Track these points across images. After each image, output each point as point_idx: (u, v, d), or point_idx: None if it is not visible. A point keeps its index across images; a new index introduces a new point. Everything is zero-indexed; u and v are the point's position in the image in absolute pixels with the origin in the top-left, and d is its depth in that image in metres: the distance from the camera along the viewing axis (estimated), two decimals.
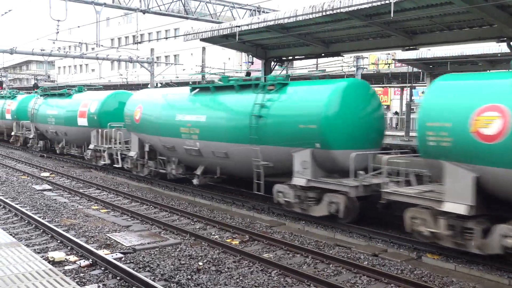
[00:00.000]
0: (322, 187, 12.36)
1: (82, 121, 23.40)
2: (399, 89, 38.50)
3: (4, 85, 52.73)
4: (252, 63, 25.34)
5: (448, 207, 9.57)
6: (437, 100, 10.03)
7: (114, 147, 20.77)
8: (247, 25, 16.39)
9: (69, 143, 26.17)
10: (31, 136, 30.04)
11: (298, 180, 12.67)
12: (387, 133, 15.86)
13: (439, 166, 9.82)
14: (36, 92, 34.68)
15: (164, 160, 18.27)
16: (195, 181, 16.66)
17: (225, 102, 15.50)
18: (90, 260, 9.62)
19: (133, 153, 19.36)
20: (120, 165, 20.39)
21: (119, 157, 20.38)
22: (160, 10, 23.70)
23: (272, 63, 20.71)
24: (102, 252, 9.98)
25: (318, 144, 12.28)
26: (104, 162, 21.95)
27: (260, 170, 13.78)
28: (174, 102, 17.54)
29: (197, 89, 16.81)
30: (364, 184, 11.66)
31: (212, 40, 19.30)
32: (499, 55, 19.73)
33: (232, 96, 15.25)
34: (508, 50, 14.70)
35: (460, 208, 9.39)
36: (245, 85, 15.04)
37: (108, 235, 11.65)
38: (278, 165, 13.49)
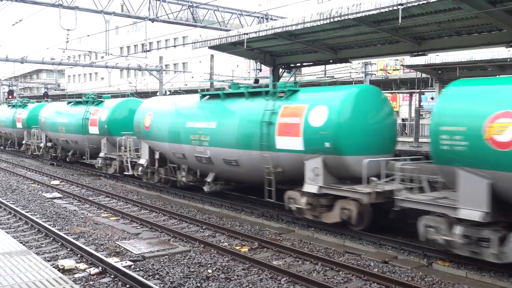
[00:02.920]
0: (334, 193, 12.26)
1: (93, 129, 23.43)
2: (408, 95, 38.36)
3: (15, 94, 53.15)
4: (261, 70, 25.37)
5: (463, 213, 9.42)
6: (451, 105, 9.92)
7: (124, 154, 20.72)
8: (255, 32, 16.44)
9: (79, 151, 26.11)
10: (42, 144, 30.19)
11: (310, 187, 12.59)
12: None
13: (453, 172, 9.67)
14: (46, 100, 34.88)
15: (175, 167, 18.25)
16: (205, 188, 16.56)
17: (235, 109, 15.40)
18: (100, 268, 9.64)
19: (143, 161, 19.31)
20: (130, 173, 20.34)
21: (129, 165, 20.36)
22: (169, 18, 23.86)
23: (280, 70, 20.73)
24: (112, 260, 10.00)
25: (330, 151, 12.20)
26: (114, 171, 21.91)
27: (271, 177, 13.71)
28: (184, 109, 17.48)
29: (207, 96, 16.79)
30: (377, 191, 11.48)
31: (220, 47, 19.37)
32: (508, 60, 19.60)
33: (242, 103, 15.25)
34: None
35: (475, 215, 9.25)
36: (255, 92, 15.05)
37: (117, 242, 11.67)
38: (289, 172, 13.42)
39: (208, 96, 16.78)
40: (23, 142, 32.69)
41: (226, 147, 15.02)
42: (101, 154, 22.75)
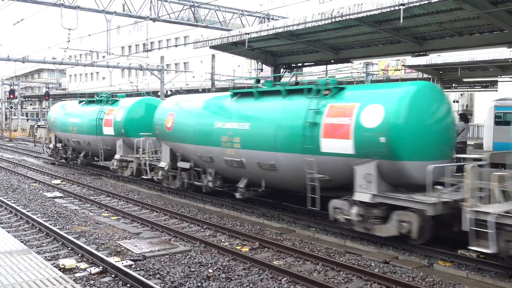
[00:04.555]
0: (391, 203, 10.97)
1: (108, 130, 22.31)
2: None
3: (16, 94, 53.17)
4: (262, 70, 25.40)
5: None
6: None
7: (142, 157, 19.63)
8: (257, 32, 16.44)
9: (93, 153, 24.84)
10: (51, 145, 28.37)
11: (361, 196, 11.40)
12: None
13: None
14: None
15: (199, 171, 16.73)
16: (237, 195, 15.08)
17: (271, 108, 14.01)
18: (101, 267, 9.64)
19: (163, 164, 18.06)
20: (148, 177, 19.21)
21: (147, 168, 19.18)
22: (170, 18, 23.89)
23: (282, 69, 20.74)
24: (113, 259, 10.00)
25: (386, 155, 11.01)
26: (130, 173, 21.03)
27: (315, 183, 12.42)
28: (212, 109, 16.10)
29: (239, 94, 15.37)
30: (443, 201, 10.22)
31: (222, 47, 19.38)
32: (510, 60, 19.57)
33: (279, 102, 13.85)
34: None
35: None
36: (294, 90, 13.79)
37: (118, 242, 11.68)
38: (336, 178, 12.23)
39: (239, 95, 15.36)
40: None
41: (262, 149, 13.76)
42: (117, 156, 21.77)
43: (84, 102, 25.67)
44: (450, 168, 10.94)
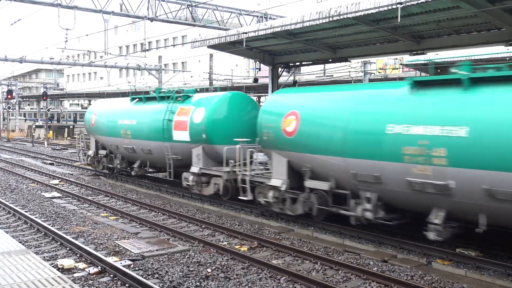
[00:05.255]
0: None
1: (180, 135, 17.53)
2: None
3: (14, 94, 53.07)
4: (260, 69, 25.39)
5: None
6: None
7: (240, 171, 14.80)
8: (254, 31, 16.43)
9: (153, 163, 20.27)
10: (91, 152, 23.90)
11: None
12: None
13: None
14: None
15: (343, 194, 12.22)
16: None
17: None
18: (99, 267, 9.63)
19: (278, 182, 13.52)
20: (249, 198, 14.53)
21: (247, 186, 14.48)
22: (168, 17, 23.86)
23: (280, 69, 20.73)
24: (111, 259, 10.00)
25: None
26: (214, 191, 16.26)
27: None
28: (379, 105, 11.47)
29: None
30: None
31: (220, 47, 19.36)
32: (507, 58, 19.60)
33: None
34: None
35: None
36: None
37: (117, 242, 11.67)
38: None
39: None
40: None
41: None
42: (194, 169, 16.70)
43: (138, 99, 20.91)
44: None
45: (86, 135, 25.10)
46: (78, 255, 10.57)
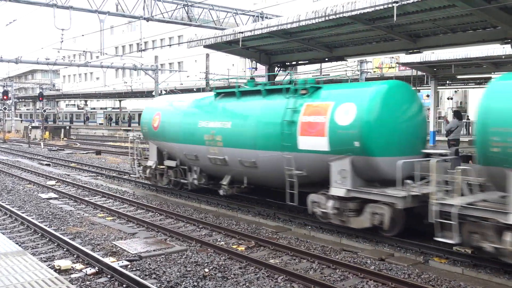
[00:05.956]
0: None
1: (313, 142, 12.41)
2: None
3: (9, 95, 52.91)
4: (256, 68, 25.42)
5: None
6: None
7: (441, 198, 9.80)
8: (250, 31, 16.42)
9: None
10: (151, 163, 18.78)
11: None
12: None
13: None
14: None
15: None
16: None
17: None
18: (96, 268, 9.61)
19: None
20: (456, 241, 9.56)
21: (454, 222, 9.39)
22: (164, 17, 23.82)
23: (276, 68, 20.73)
24: (108, 260, 9.98)
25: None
26: (377, 223, 11.27)
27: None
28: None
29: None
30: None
31: (216, 46, 19.34)
32: (503, 57, 19.66)
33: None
34: None
35: None
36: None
37: (114, 242, 11.65)
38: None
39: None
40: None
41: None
42: (336, 191, 11.86)
43: (228, 94, 15.76)
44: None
45: (141, 141, 20.53)
46: (75, 256, 10.54)
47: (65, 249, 11.03)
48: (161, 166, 18.39)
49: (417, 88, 29.71)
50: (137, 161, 20.20)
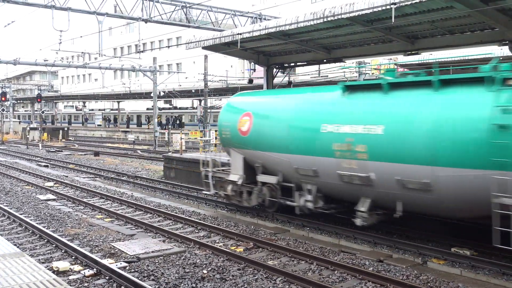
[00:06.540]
0: None
1: None
2: None
3: (7, 96, 52.84)
4: (254, 70, 25.39)
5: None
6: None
7: None
8: (249, 32, 16.42)
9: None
10: (237, 177, 14.94)
11: None
12: None
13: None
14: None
15: None
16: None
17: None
18: (95, 269, 9.60)
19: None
20: None
21: None
22: (162, 19, 23.82)
23: (274, 70, 20.74)
24: (107, 262, 9.96)
25: None
26: None
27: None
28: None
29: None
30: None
31: (214, 48, 19.33)
32: (500, 58, 19.69)
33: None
34: (510, 53, 14.69)
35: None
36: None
37: (112, 244, 11.63)
38: None
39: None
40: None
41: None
42: None
43: (370, 87, 11.85)
44: None
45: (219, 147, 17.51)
46: (73, 257, 10.53)
47: (63, 251, 11.01)
48: (252, 183, 14.59)
49: None
50: (212, 174, 16.22)
